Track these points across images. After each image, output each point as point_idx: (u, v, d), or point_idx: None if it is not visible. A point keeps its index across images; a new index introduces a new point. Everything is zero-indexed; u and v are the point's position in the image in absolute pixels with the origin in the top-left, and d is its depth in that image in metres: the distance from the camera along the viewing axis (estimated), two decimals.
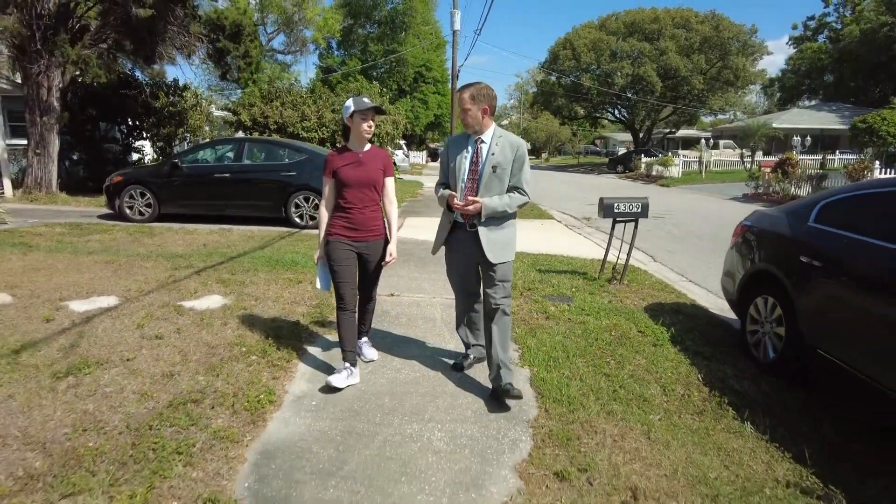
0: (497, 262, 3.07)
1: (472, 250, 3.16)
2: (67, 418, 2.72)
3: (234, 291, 4.97)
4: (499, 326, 3.13)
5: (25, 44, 10.28)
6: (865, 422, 3.10)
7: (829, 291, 3.37)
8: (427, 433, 2.74)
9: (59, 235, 7.60)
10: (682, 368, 3.75)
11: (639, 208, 5.82)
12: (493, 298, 3.13)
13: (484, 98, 3.01)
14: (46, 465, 2.32)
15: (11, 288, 4.91)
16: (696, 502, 2.27)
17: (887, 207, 3.23)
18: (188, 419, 2.72)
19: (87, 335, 3.84)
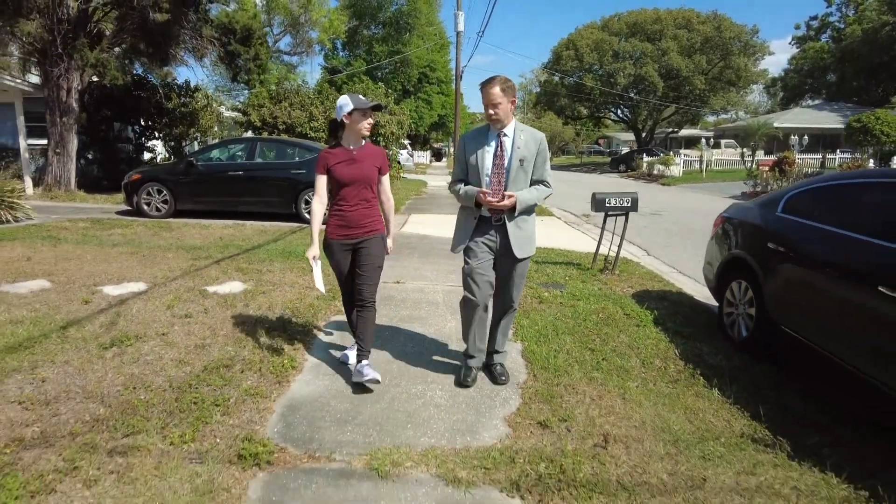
0: (523, 258, 3.08)
1: (496, 246, 3.10)
2: (118, 379, 3.14)
3: (253, 278, 5.39)
4: (507, 320, 3.30)
5: (47, 48, 10.75)
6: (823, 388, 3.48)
7: (790, 274, 3.75)
8: (430, 392, 3.14)
9: (83, 229, 8.04)
10: (661, 345, 4.13)
11: (629, 202, 6.20)
12: (509, 298, 3.19)
13: (511, 90, 2.95)
14: (107, 413, 2.73)
15: (48, 275, 5.34)
16: (658, 445, 2.66)
17: (837, 198, 3.62)
18: (221, 380, 3.13)
19: (123, 314, 4.26)
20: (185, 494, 2.14)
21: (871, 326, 2.97)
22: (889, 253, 2.96)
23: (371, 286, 3.22)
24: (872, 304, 2.92)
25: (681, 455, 2.58)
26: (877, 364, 2.92)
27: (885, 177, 3.54)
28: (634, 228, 10.65)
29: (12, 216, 8.51)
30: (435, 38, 41.36)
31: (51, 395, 2.92)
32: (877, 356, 2.92)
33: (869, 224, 3.24)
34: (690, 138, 44.63)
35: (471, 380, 3.26)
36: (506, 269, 3.13)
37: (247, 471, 2.32)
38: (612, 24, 39.66)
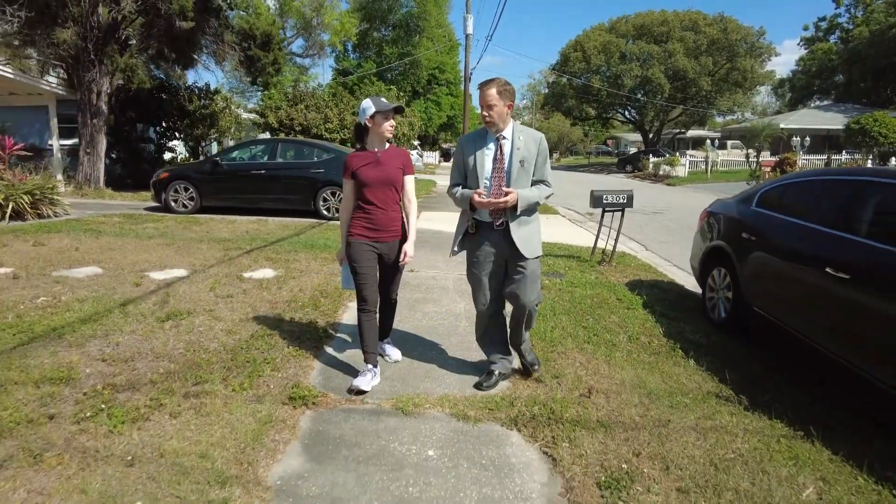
0: (531, 257, 3.03)
1: (501, 250, 3.07)
2: (179, 344, 3.71)
3: (282, 266, 5.97)
4: (527, 318, 3.20)
5: (80, 54, 11.41)
6: (788, 360, 4.00)
7: (760, 260, 4.26)
8: (442, 357, 3.70)
9: (118, 223, 8.67)
10: (647, 325, 4.65)
11: (625, 199, 6.72)
12: (524, 300, 3.08)
13: (508, 94, 2.95)
14: (176, 368, 3.31)
15: (98, 262, 5.94)
16: (633, 397, 3.19)
17: (797, 193, 4.15)
18: (267, 345, 3.70)
19: (171, 294, 4.85)
20: (250, 424, 2.70)
21: (821, 303, 3.49)
22: (834, 239, 3.48)
23: (395, 285, 3.46)
24: (822, 283, 3.44)
25: (652, 404, 3.11)
26: (825, 334, 3.44)
27: (831, 175, 4.07)
28: (636, 226, 11.19)
29: (53, 211, 9.15)
30: (444, 40, 41.95)
31: (127, 355, 3.49)
32: (825, 327, 3.44)
33: (819, 215, 3.77)
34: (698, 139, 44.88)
35: (486, 385, 3.21)
36: (517, 271, 3.06)
37: (297, 409, 2.89)
38: (619, 26, 40.07)
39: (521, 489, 2.32)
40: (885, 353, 2.95)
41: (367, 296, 3.20)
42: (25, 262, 5.85)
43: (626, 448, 2.63)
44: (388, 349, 3.59)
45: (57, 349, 3.55)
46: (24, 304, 4.47)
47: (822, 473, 2.51)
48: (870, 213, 3.39)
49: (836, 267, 3.32)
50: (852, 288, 3.20)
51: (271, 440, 2.58)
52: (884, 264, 3.05)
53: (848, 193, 3.66)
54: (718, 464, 2.53)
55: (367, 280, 3.20)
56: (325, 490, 2.26)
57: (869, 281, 3.12)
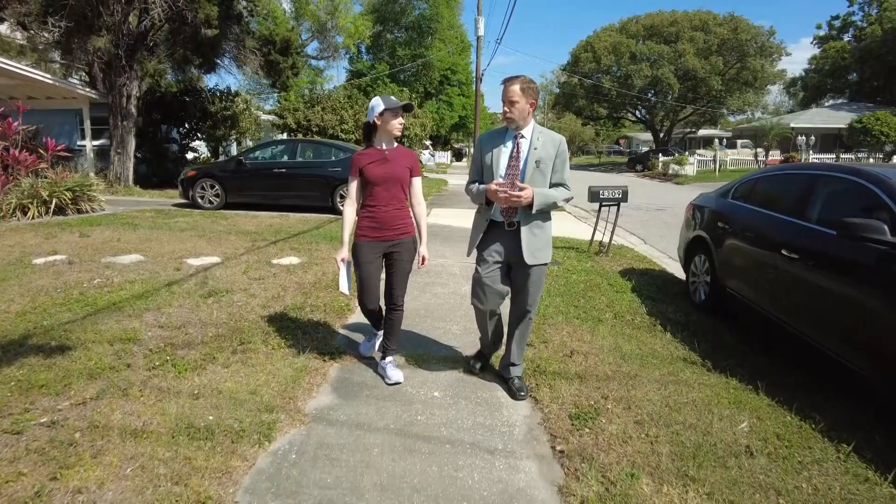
0: (535, 264, 2.99)
1: (509, 251, 3.03)
2: (222, 315, 4.33)
3: (306, 254, 6.58)
4: (522, 328, 3.18)
5: (112, 59, 12.15)
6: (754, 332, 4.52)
7: (731, 245, 4.79)
8: (448, 326, 4.28)
9: (151, 218, 9.36)
10: (634, 305, 5.19)
11: (620, 194, 7.24)
12: (523, 304, 3.08)
13: (532, 92, 2.91)
14: (222, 332, 3.92)
15: (139, 251, 6.59)
16: (609, 357, 3.74)
17: (763, 185, 4.67)
18: (298, 316, 4.31)
19: (209, 277, 5.47)
20: (289, 372, 3.30)
21: (777, 281, 4.01)
22: (788, 225, 4.01)
23: (402, 289, 3.30)
24: (778, 264, 3.97)
25: (624, 363, 3.66)
26: (779, 307, 3.96)
27: (792, 169, 4.59)
28: (638, 221, 11.69)
29: (91, 207, 9.86)
30: (456, 42, 42.50)
31: (179, 323, 4.12)
32: (780, 301, 3.97)
33: (779, 205, 4.29)
34: (709, 138, 44.99)
35: (478, 368, 3.41)
36: (520, 276, 3.04)
37: (327, 362, 3.48)
38: (629, 26, 40.35)
39: (507, 419, 2.90)
40: (822, 320, 3.48)
41: (367, 299, 3.28)
42: (76, 250, 6.52)
43: (596, 393, 3.19)
44: (389, 369, 3.31)
45: (120, 319, 4.18)
46: (83, 284, 5.11)
47: (758, 414, 3.05)
48: (817, 202, 3.92)
49: (788, 249, 3.86)
50: (800, 266, 3.73)
51: (307, 383, 3.18)
52: (821, 244, 3.58)
53: (803, 186, 4.19)
54: (672, 405, 3.08)
55: (371, 283, 3.22)
56: (351, 417, 2.85)
57: (811, 259, 3.65)
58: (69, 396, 2.91)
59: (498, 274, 3.07)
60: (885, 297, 3.00)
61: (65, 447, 2.44)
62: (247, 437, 2.56)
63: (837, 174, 3.95)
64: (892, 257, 3.02)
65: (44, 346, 3.56)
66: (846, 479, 2.47)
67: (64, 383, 3.04)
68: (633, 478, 2.37)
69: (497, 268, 3.07)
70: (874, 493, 2.39)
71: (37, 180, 9.24)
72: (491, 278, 3.07)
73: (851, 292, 3.28)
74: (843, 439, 2.77)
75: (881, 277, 3.06)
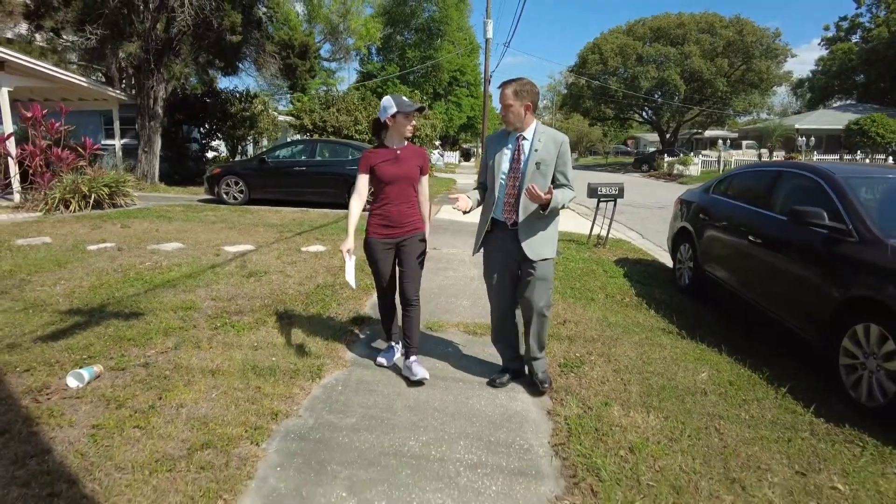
0: (537, 259, 3.02)
1: (513, 248, 3.08)
2: (265, 290, 5.01)
3: (330, 243, 7.27)
4: (536, 324, 3.14)
5: (141, 64, 12.92)
6: (734, 314, 5.15)
7: (709, 233, 5.41)
8: (459, 301, 4.95)
9: (181, 212, 10.09)
10: (624, 288, 5.82)
11: (616, 191, 7.87)
12: (532, 302, 3.07)
13: (527, 94, 2.94)
14: (268, 303, 4.60)
15: (178, 239, 7.30)
16: (596, 326, 4.39)
17: (740, 180, 5.31)
18: (330, 291, 4.99)
19: (247, 261, 6.17)
20: (329, 332, 3.97)
21: (745, 262, 4.65)
22: (754, 214, 4.64)
23: (414, 284, 3.31)
24: (746, 248, 4.60)
25: (609, 330, 4.31)
26: (747, 285, 4.60)
27: (762, 167, 5.22)
28: (638, 218, 12.31)
29: (125, 202, 10.61)
30: (465, 43, 43.18)
31: (228, 297, 4.80)
32: (750, 280, 4.60)
33: (749, 197, 4.93)
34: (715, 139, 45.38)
35: (498, 383, 3.27)
36: (526, 272, 3.08)
37: (358, 325, 4.16)
38: (636, 28, 40.87)
39: None
40: (776, 293, 4.11)
41: (386, 292, 3.40)
42: (122, 239, 7.24)
43: (583, 350, 3.84)
44: (415, 366, 3.29)
45: (176, 293, 4.88)
46: (136, 266, 5.82)
47: (717, 367, 3.69)
48: (779, 194, 4.55)
49: (754, 235, 4.50)
50: (761, 249, 4.37)
51: (344, 340, 3.86)
52: (777, 230, 4.22)
53: (768, 181, 4.82)
54: (645, 360, 3.73)
55: (385, 277, 3.32)
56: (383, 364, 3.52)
57: (770, 242, 4.28)
58: (153, 347, 3.60)
59: (508, 272, 3.15)
60: (822, 272, 3.64)
61: (161, 379, 3.12)
62: (302, 375, 3.24)
63: (796, 171, 4.58)
64: (830, 239, 3.66)
65: (120, 312, 4.26)
66: (777, 412, 3.11)
67: (146, 338, 3.73)
68: (607, 406, 3.02)
69: (505, 267, 3.14)
70: (797, 420, 3.02)
71: (77, 177, 9.99)
72: (501, 276, 3.16)
73: (798, 269, 3.92)
74: (782, 385, 3.41)
75: (820, 255, 3.70)
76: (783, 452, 2.68)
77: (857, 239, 3.50)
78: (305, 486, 2.27)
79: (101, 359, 3.36)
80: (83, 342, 3.62)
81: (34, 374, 3.14)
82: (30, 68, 10.48)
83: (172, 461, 2.35)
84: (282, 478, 2.31)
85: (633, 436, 2.71)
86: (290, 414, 2.83)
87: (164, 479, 2.23)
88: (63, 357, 3.38)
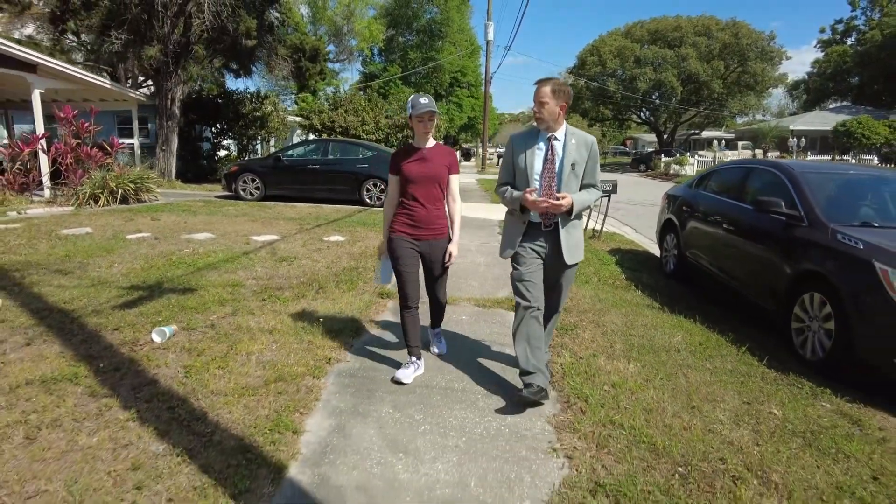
0: (572, 263, 3.05)
1: (546, 251, 3.05)
2: (297, 272, 5.68)
3: (348, 234, 7.94)
4: (550, 326, 3.21)
5: (161, 66, 13.58)
6: (712, 295, 5.83)
7: (691, 223, 6.09)
8: (469, 281, 5.62)
9: (202, 206, 10.75)
10: (616, 273, 6.49)
11: (610, 187, 8.52)
12: (556, 302, 3.17)
13: (563, 94, 2.93)
14: (303, 282, 5.27)
15: (207, 230, 7.96)
16: (588, 300, 5.06)
17: (718, 176, 6.01)
18: (356, 271, 5.66)
19: (276, 249, 6.83)
20: (360, 303, 4.64)
21: (720, 247, 5.33)
22: (728, 205, 5.32)
23: (442, 289, 3.41)
24: (721, 235, 5.28)
25: (599, 303, 4.98)
26: (724, 267, 5.27)
27: (737, 164, 5.90)
28: (634, 215, 12.98)
29: (149, 197, 11.28)
30: (466, 45, 43.85)
31: (267, 277, 5.47)
32: (724, 262, 5.27)
33: (724, 190, 5.61)
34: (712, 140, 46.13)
35: (527, 393, 2.90)
36: (554, 275, 3.07)
37: (383, 299, 4.83)
38: (634, 31, 41.59)
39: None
40: (745, 272, 4.80)
41: (408, 293, 3.22)
42: (155, 229, 7.90)
43: (576, 318, 4.51)
44: (435, 340, 3.69)
45: (220, 274, 5.54)
46: (176, 253, 6.47)
47: (691, 332, 4.36)
48: (748, 187, 5.24)
49: (728, 223, 5.18)
50: (734, 235, 5.05)
51: (373, 310, 4.53)
52: (746, 217, 4.90)
53: (741, 176, 5.50)
54: (629, 326, 4.40)
55: (409, 277, 3.20)
56: None
57: (740, 229, 4.96)
58: (213, 313, 4.27)
59: (539, 269, 3.07)
60: (780, 252, 4.31)
61: (228, 336, 3.79)
62: (344, 333, 3.92)
63: (763, 167, 5.27)
64: (787, 224, 4.34)
65: (175, 288, 4.92)
66: (736, 364, 3.78)
67: (205, 307, 4.39)
68: (595, 357, 3.69)
69: (537, 264, 3.06)
70: (751, 370, 3.69)
71: (105, 173, 10.65)
72: (532, 274, 3.04)
73: (761, 251, 4.60)
74: (744, 345, 4.08)
75: (779, 238, 4.37)
76: (736, 390, 3.35)
77: (808, 223, 4.18)
78: (360, 405, 2.94)
79: (172, 322, 4.02)
80: (153, 310, 4.28)
81: (122, 331, 3.81)
82: (60, 71, 11.15)
83: (254, 389, 3.02)
84: (341, 400, 2.99)
85: (615, 377, 3.38)
86: (340, 360, 3.50)
87: (251, 400, 2.90)
88: (140, 320, 4.04)
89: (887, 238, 3.69)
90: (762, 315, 4.60)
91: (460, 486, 2.30)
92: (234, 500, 2.12)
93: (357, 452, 2.50)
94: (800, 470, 2.51)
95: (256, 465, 2.34)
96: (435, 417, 2.86)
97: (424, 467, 2.42)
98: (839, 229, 3.89)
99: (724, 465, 2.51)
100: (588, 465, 2.47)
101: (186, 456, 2.37)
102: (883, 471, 2.55)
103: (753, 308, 4.75)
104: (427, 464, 2.45)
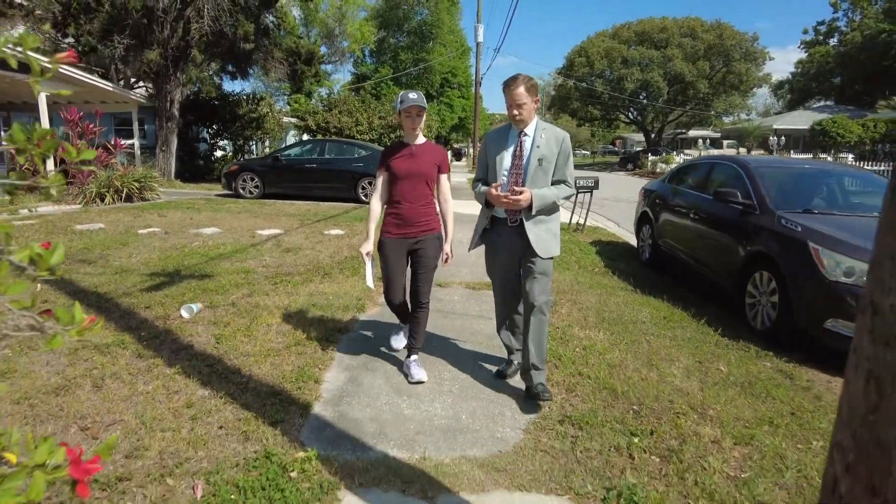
0: (545, 257, 2.99)
1: (515, 246, 3.05)
2: (303, 260, 6.18)
3: (347, 229, 8.45)
4: (535, 325, 3.03)
5: (160, 69, 14.00)
6: (683, 281, 6.40)
7: (663, 214, 6.66)
8: (459, 269, 6.15)
9: (205, 204, 11.20)
10: (595, 261, 7.05)
11: (593, 183, 9.10)
12: (532, 296, 3.01)
13: (535, 89, 2.91)
14: (309, 269, 5.77)
15: (214, 225, 8.43)
16: (570, 283, 5.60)
17: (687, 171, 6.59)
18: (358, 262, 6.17)
19: (280, 242, 7.32)
20: (362, 287, 5.14)
21: (687, 234, 5.89)
22: (694, 196, 5.89)
23: (426, 286, 3.27)
24: (688, 223, 5.85)
25: (577, 286, 5.53)
26: (691, 252, 5.84)
27: (704, 159, 6.48)
28: (618, 211, 13.54)
29: (151, 196, 11.71)
30: (456, 46, 44.34)
31: (276, 265, 5.96)
32: (691, 248, 5.84)
33: (691, 183, 6.19)
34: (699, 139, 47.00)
35: (510, 373, 3.33)
36: (528, 269, 3.02)
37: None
38: (621, 32, 42.35)
39: None
40: (708, 255, 5.37)
41: (391, 298, 3.31)
42: (164, 225, 8.36)
43: (556, 297, 5.05)
44: (413, 368, 3.26)
45: (232, 262, 6.03)
46: (188, 245, 6.95)
47: (657, 309, 4.92)
48: (711, 180, 5.81)
49: (694, 212, 5.74)
50: (698, 223, 5.62)
51: (375, 291, 5.03)
52: (708, 207, 5.47)
53: (706, 170, 6.08)
54: (602, 304, 4.95)
55: (394, 278, 3.24)
56: None
57: (704, 217, 5.53)
58: (231, 294, 4.77)
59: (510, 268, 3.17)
60: (736, 236, 4.88)
61: (248, 312, 4.29)
62: (351, 309, 4.44)
63: (724, 162, 5.84)
64: (742, 212, 4.90)
65: (193, 275, 5.41)
66: (694, 333, 4.34)
67: (224, 289, 4.89)
68: (569, 327, 4.24)
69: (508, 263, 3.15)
70: (707, 337, 4.25)
71: (111, 173, 11.08)
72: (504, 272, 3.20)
73: (721, 236, 5.17)
74: (702, 318, 4.64)
75: (735, 224, 4.94)
76: (691, 353, 3.90)
77: (759, 211, 4.74)
78: (369, 363, 3.47)
79: (197, 301, 4.52)
80: (176, 292, 4.78)
81: (153, 309, 4.30)
82: (65, 75, 11.55)
83: (277, 351, 3.53)
84: (353, 359, 3.52)
85: (586, 342, 3.93)
86: (349, 329, 4.02)
87: (276, 359, 3.41)
88: (167, 300, 4.53)
89: (822, 223, 4.26)
90: (722, 294, 5.17)
91: (454, 419, 2.83)
92: (273, 427, 2.63)
93: (369, 395, 3.03)
94: (733, 408, 3.07)
95: (287, 403, 2.86)
96: (433, 372, 3.39)
97: (424, 405, 2.95)
98: (784, 215, 4.46)
99: (671, 405, 3.05)
100: (558, 404, 3.01)
101: (228, 398, 2.89)
102: (801, 408, 3.11)
103: (716, 287, 5.32)
104: (426, 403, 2.98)
